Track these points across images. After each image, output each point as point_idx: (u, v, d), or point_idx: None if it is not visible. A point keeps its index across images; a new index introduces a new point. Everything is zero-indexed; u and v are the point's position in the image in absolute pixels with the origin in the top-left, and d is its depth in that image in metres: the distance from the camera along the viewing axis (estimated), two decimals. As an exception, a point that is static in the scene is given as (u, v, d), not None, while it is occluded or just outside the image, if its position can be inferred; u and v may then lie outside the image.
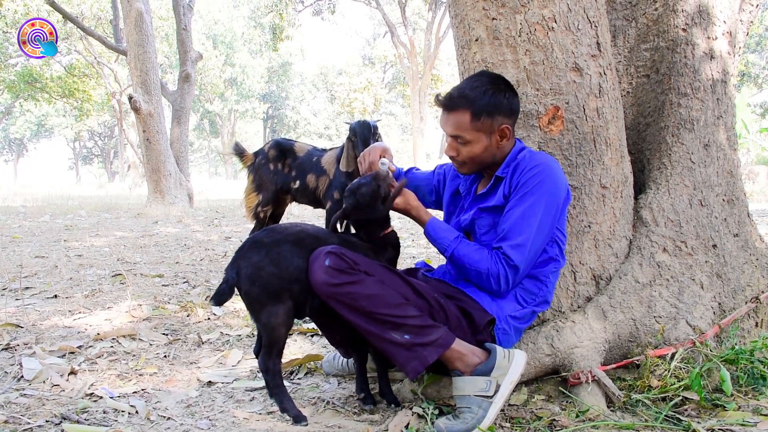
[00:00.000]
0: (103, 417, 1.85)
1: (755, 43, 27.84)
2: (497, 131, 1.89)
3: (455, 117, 1.89)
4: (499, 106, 1.86)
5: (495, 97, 1.86)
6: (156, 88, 10.52)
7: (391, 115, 49.73)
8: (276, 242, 1.82)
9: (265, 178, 4.11)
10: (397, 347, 1.74)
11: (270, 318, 1.78)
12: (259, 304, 1.79)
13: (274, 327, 1.79)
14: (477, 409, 1.73)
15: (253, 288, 1.78)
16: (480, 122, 1.87)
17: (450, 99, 1.89)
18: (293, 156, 4.13)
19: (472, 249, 1.89)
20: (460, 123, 1.88)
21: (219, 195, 18.84)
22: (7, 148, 54.23)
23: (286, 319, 1.80)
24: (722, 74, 2.47)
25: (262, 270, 1.77)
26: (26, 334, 2.73)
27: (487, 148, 1.91)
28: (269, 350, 1.82)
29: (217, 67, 36.97)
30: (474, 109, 1.85)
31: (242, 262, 1.80)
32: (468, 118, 1.87)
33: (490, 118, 1.87)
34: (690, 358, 2.03)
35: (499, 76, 1.93)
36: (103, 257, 5.23)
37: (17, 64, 24.40)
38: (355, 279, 1.73)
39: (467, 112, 1.86)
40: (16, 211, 10.50)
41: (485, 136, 1.89)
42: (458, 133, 1.89)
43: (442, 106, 1.92)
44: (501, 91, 1.87)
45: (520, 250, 1.81)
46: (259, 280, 1.77)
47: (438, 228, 1.97)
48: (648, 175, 2.44)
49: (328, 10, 24.54)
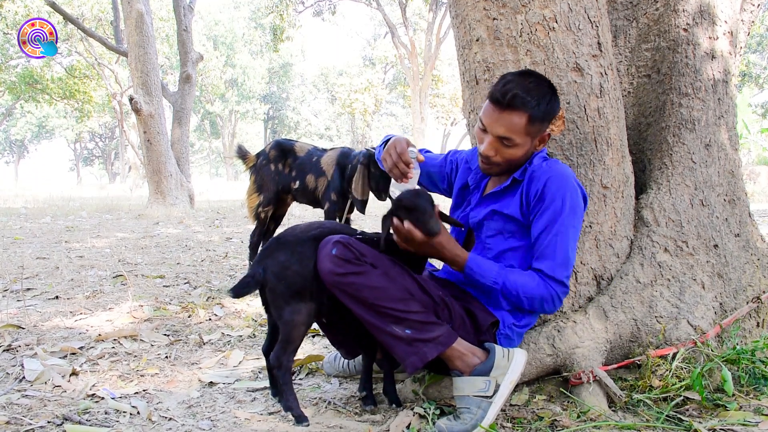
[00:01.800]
0: (104, 418, 1.85)
1: (756, 43, 27.82)
2: (540, 137, 1.86)
3: (510, 118, 1.78)
4: (552, 113, 1.83)
5: (551, 104, 1.81)
6: (157, 89, 10.52)
7: (392, 116, 49.73)
8: (300, 241, 1.83)
9: (266, 178, 4.12)
10: (397, 341, 1.74)
11: (293, 315, 1.79)
12: (283, 301, 1.80)
13: (295, 325, 1.80)
14: (476, 409, 1.73)
15: (279, 285, 1.80)
16: (533, 127, 1.80)
17: (513, 97, 1.76)
18: (294, 156, 4.13)
19: (519, 276, 1.83)
20: (515, 125, 1.78)
21: (220, 196, 18.85)
22: (8, 149, 54.30)
23: (307, 319, 1.81)
24: (723, 74, 2.47)
25: (288, 269, 1.79)
26: (28, 335, 2.74)
27: (527, 152, 1.87)
28: (285, 347, 1.82)
29: (217, 68, 37.01)
30: (532, 114, 1.77)
31: (269, 261, 1.82)
32: (524, 122, 1.78)
33: (541, 125, 1.83)
34: (691, 358, 2.03)
35: (547, 79, 1.86)
36: (104, 258, 5.23)
37: (18, 66, 24.44)
38: (360, 270, 1.72)
39: (525, 115, 1.77)
40: (18, 212, 10.51)
41: (531, 140, 1.84)
42: (510, 135, 1.80)
43: (500, 104, 1.79)
44: (555, 96, 1.83)
45: (563, 268, 1.81)
46: (286, 278, 1.79)
47: (480, 263, 1.85)
48: (649, 175, 2.44)
49: (328, 10, 24.58)
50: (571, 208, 1.82)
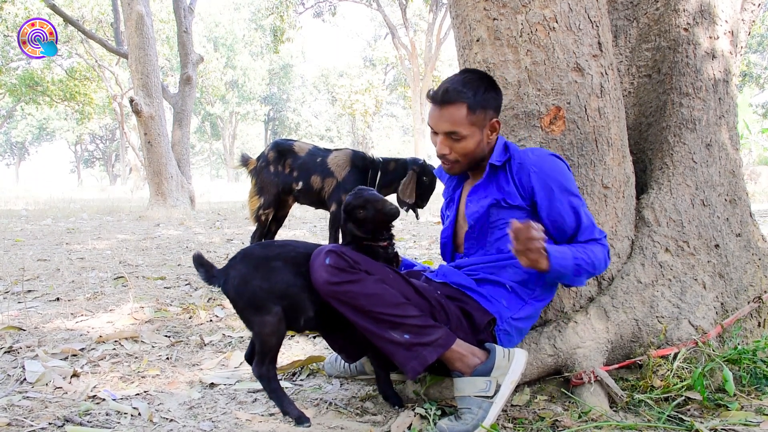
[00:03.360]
0: (105, 419, 1.85)
1: (757, 43, 27.83)
2: (488, 125, 1.91)
3: (450, 112, 1.87)
4: (491, 100, 1.89)
5: (487, 92, 1.88)
6: (157, 90, 10.53)
7: (393, 117, 49.72)
8: (267, 258, 1.83)
9: (266, 180, 4.09)
10: (396, 347, 1.74)
11: (261, 328, 1.80)
12: (249, 314, 1.82)
13: (265, 336, 1.80)
14: (477, 409, 1.73)
15: (240, 300, 1.81)
16: (475, 116, 1.87)
17: (446, 93, 1.86)
18: (293, 156, 4.09)
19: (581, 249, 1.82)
20: (457, 117, 1.86)
21: (220, 197, 18.85)
22: (9, 151, 54.37)
23: (275, 329, 1.80)
24: (724, 74, 2.47)
25: (248, 283, 1.79)
26: (29, 336, 2.73)
27: (480, 143, 1.92)
28: (262, 358, 1.83)
29: (218, 70, 37.03)
30: (470, 103, 1.85)
31: (231, 272, 1.83)
32: (464, 112, 1.86)
33: (483, 112, 1.88)
34: (693, 358, 2.02)
35: (483, 72, 1.95)
36: (105, 260, 5.24)
37: (19, 68, 24.45)
38: (356, 278, 1.73)
39: (464, 106, 1.85)
40: (19, 214, 10.51)
41: (479, 130, 1.90)
42: (454, 128, 1.87)
43: (437, 101, 1.89)
44: (491, 85, 1.90)
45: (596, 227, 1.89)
46: (245, 292, 1.79)
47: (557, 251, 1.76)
48: (650, 175, 2.44)
49: (328, 11, 24.61)
50: (567, 180, 1.88)
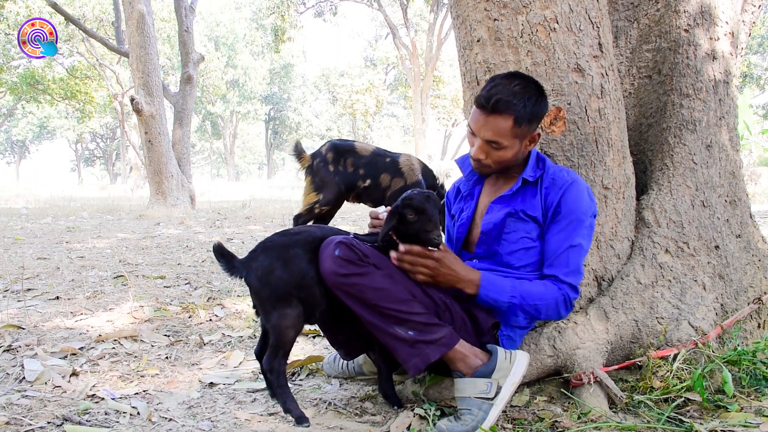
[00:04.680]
0: (104, 418, 1.85)
1: (757, 45, 27.82)
2: (529, 137, 1.87)
3: (496, 122, 1.80)
4: (538, 114, 1.84)
5: (537, 105, 1.82)
6: (158, 89, 10.53)
7: (393, 117, 49.71)
8: (286, 245, 1.82)
9: (326, 179, 4.23)
10: (400, 342, 1.74)
11: (280, 320, 1.78)
12: (270, 306, 1.79)
13: (283, 329, 1.78)
14: (477, 410, 1.73)
15: (264, 290, 1.78)
16: (520, 129, 1.82)
17: (497, 103, 1.78)
18: (355, 155, 4.25)
19: (532, 286, 1.85)
20: (501, 129, 1.80)
21: (221, 197, 18.85)
22: (10, 150, 54.38)
23: (295, 322, 1.79)
24: (724, 75, 2.46)
25: (271, 273, 1.77)
26: (28, 335, 2.73)
27: (517, 153, 1.88)
28: (276, 351, 1.81)
29: (219, 69, 37.01)
30: (518, 116, 1.79)
31: (254, 264, 1.81)
32: (510, 125, 1.80)
33: (528, 126, 1.83)
34: (692, 359, 2.02)
35: (535, 81, 1.86)
36: (104, 259, 5.23)
37: (19, 66, 24.45)
38: (363, 271, 1.72)
39: (510, 118, 1.79)
40: (19, 212, 10.51)
41: (519, 142, 1.85)
42: (497, 138, 1.82)
43: (485, 109, 1.81)
44: (541, 97, 1.84)
45: (576, 275, 1.87)
46: (269, 282, 1.77)
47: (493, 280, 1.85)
48: (650, 176, 2.44)
49: (329, 11, 24.60)
50: (588, 225, 1.88)
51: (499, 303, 1.83)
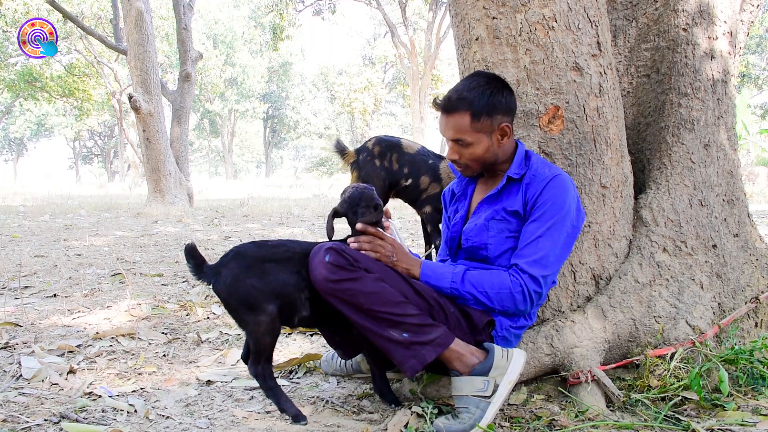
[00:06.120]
0: (101, 416, 1.85)
1: (756, 44, 27.86)
2: (497, 130, 1.88)
3: (455, 119, 1.87)
4: (497, 105, 1.86)
5: (493, 97, 1.85)
6: (156, 87, 10.52)
7: (392, 116, 49.75)
8: (260, 258, 1.81)
9: (372, 174, 4.12)
10: (395, 345, 1.74)
11: (255, 327, 1.77)
12: (241, 314, 1.79)
13: (259, 336, 1.78)
14: (475, 409, 1.73)
15: (231, 299, 1.78)
16: (480, 123, 1.85)
17: (448, 101, 1.87)
18: (400, 152, 4.12)
19: (481, 274, 1.86)
20: (461, 125, 1.86)
21: (219, 195, 18.84)
22: (7, 147, 54.26)
23: (270, 328, 1.78)
24: (723, 74, 2.47)
25: (240, 282, 1.76)
26: (25, 333, 2.73)
27: (489, 148, 1.90)
28: (257, 357, 1.81)
29: (217, 67, 36.98)
30: (473, 110, 1.84)
31: (224, 270, 1.79)
32: (468, 120, 1.85)
33: (489, 118, 1.86)
34: (690, 358, 2.03)
35: (494, 75, 1.92)
36: (102, 256, 5.23)
37: (17, 64, 24.41)
38: (355, 276, 1.72)
39: (467, 114, 1.85)
40: (16, 210, 10.49)
41: (486, 136, 1.88)
42: (459, 136, 1.87)
43: (441, 109, 1.90)
44: (498, 89, 1.86)
45: (540, 266, 1.81)
46: (237, 291, 1.76)
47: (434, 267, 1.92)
48: (648, 175, 2.44)
49: (328, 9, 24.54)
50: (561, 218, 1.83)
51: (443, 291, 1.88)
